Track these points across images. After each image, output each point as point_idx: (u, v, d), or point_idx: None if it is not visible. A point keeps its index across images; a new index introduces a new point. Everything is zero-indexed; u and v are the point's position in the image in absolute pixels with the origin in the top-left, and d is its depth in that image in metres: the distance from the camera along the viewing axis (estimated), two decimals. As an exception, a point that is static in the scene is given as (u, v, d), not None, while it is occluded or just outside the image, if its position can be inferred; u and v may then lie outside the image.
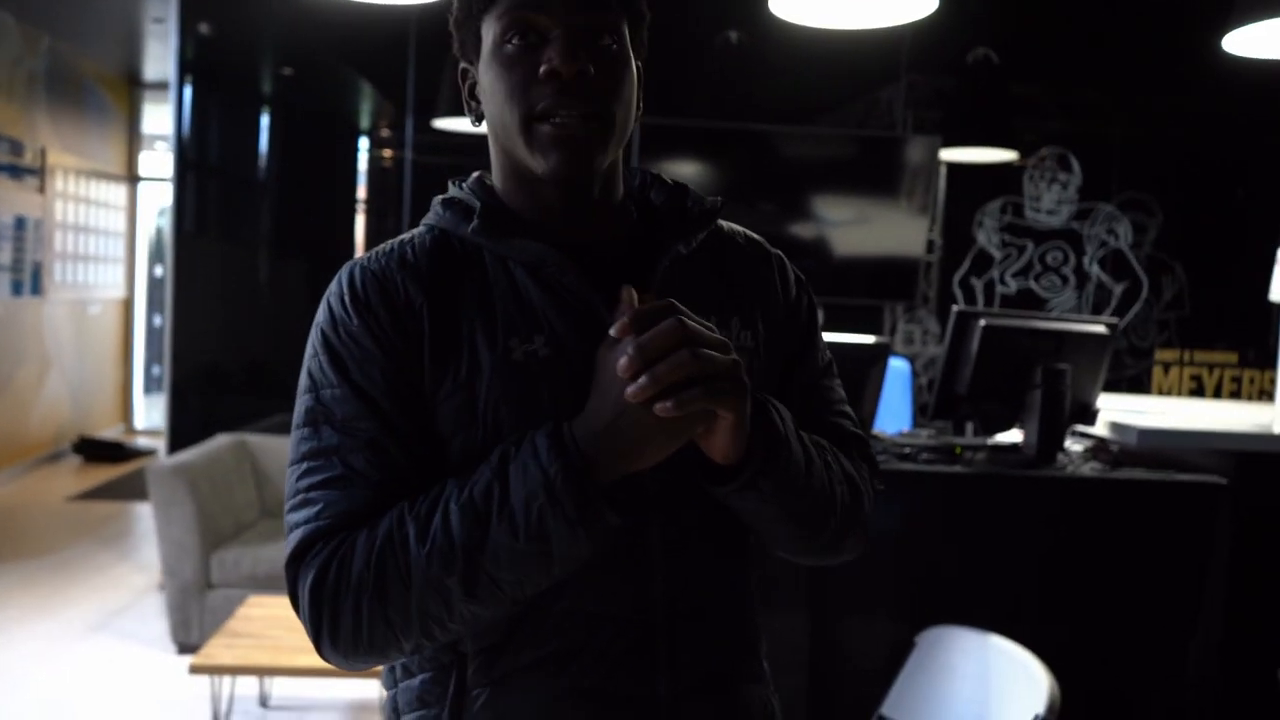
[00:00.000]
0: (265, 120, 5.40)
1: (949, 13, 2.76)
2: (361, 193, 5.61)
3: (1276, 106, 4.09)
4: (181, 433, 4.79)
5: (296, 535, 0.89)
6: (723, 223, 1.07)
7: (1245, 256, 5.05)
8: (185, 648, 3.79)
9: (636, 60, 0.97)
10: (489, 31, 0.94)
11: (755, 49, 4.87)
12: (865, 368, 2.67)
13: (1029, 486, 2.52)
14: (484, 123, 0.99)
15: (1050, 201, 4.85)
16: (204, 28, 4.99)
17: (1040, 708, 1.97)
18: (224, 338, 5.19)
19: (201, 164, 5.16)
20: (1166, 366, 4.53)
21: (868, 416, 2.81)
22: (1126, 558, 2.54)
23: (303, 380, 0.94)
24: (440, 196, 1.02)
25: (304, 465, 0.91)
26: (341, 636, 0.87)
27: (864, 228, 4.76)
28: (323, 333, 0.93)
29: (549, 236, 0.95)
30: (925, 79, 5.13)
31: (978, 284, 4.94)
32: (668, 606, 0.94)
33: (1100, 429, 2.71)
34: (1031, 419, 2.60)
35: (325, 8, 4.20)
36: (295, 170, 5.38)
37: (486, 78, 0.95)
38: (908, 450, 2.60)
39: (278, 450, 4.45)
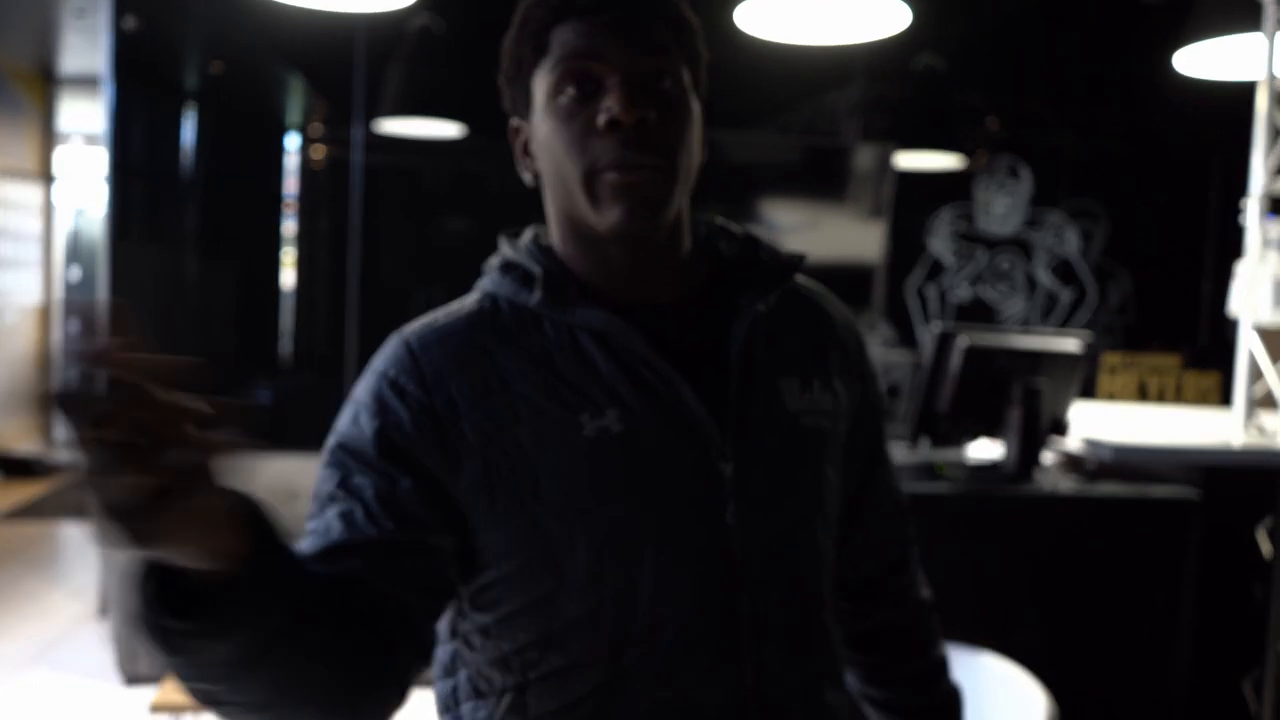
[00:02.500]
0: (192, 117, 5.20)
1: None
2: (292, 190, 5.45)
3: (1216, 120, 4.23)
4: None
5: None
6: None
7: (1186, 263, 5.21)
8: (134, 679, 3.62)
9: (696, 101, 0.92)
10: (541, 84, 0.88)
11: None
12: (848, 387, 2.68)
13: (1010, 503, 2.55)
14: (539, 180, 0.93)
15: (1001, 209, 4.93)
16: (129, 22, 4.78)
17: (1041, 730, 1.99)
18: (156, 346, 4.98)
19: (125, 163, 4.95)
20: (1113, 369, 4.66)
21: (847, 434, 2.81)
22: (1105, 571, 2.58)
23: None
24: (496, 259, 0.95)
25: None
26: None
27: (816, 233, 4.78)
28: (354, 411, 0.90)
29: (615, 300, 0.89)
30: (872, 85, 5.17)
31: (931, 291, 5.00)
32: (759, 695, 0.89)
33: (1074, 442, 2.76)
34: (1010, 436, 2.63)
35: (260, 4, 4.05)
36: (223, 168, 5.19)
37: (542, 132, 0.89)
38: (892, 469, 2.60)
39: (222, 468, 4.28)
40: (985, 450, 2.84)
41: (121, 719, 3.43)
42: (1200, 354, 5.05)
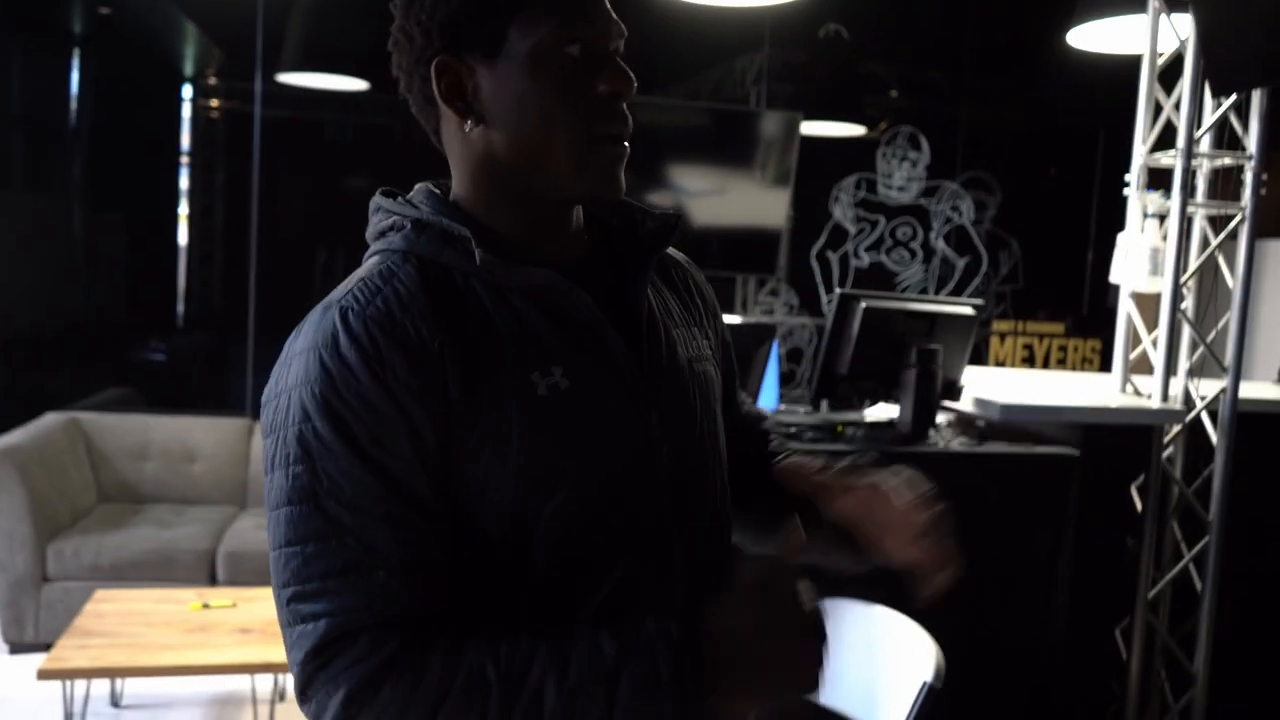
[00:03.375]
0: (77, 63, 4.97)
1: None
2: (186, 144, 5.26)
3: (1102, 96, 4.40)
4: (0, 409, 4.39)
5: (321, 627, 0.80)
6: None
7: (1072, 234, 5.45)
8: (19, 647, 3.51)
9: None
10: (529, 34, 0.85)
11: (614, 13, 4.81)
12: (753, 348, 2.73)
13: (905, 461, 2.64)
14: (478, 127, 0.89)
15: (901, 179, 5.06)
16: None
17: (929, 675, 2.09)
18: (38, 301, 4.78)
19: (5, 109, 4.71)
20: (1002, 336, 4.85)
21: (752, 394, 2.88)
22: (992, 525, 2.71)
23: (285, 449, 0.82)
24: (395, 218, 0.91)
25: (309, 548, 0.80)
26: None
27: (722, 199, 4.83)
28: (319, 395, 0.80)
29: (533, 259, 0.89)
30: (778, 52, 5.23)
31: (833, 257, 5.11)
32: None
33: (965, 404, 2.87)
34: (906, 397, 2.72)
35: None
36: (112, 118, 4.98)
37: (522, 84, 0.86)
38: (793, 430, 2.67)
39: (114, 429, 4.15)
40: (883, 411, 2.94)
41: (8, 687, 3.32)
42: (1083, 322, 5.30)
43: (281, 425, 0.82)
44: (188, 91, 5.30)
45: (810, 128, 4.92)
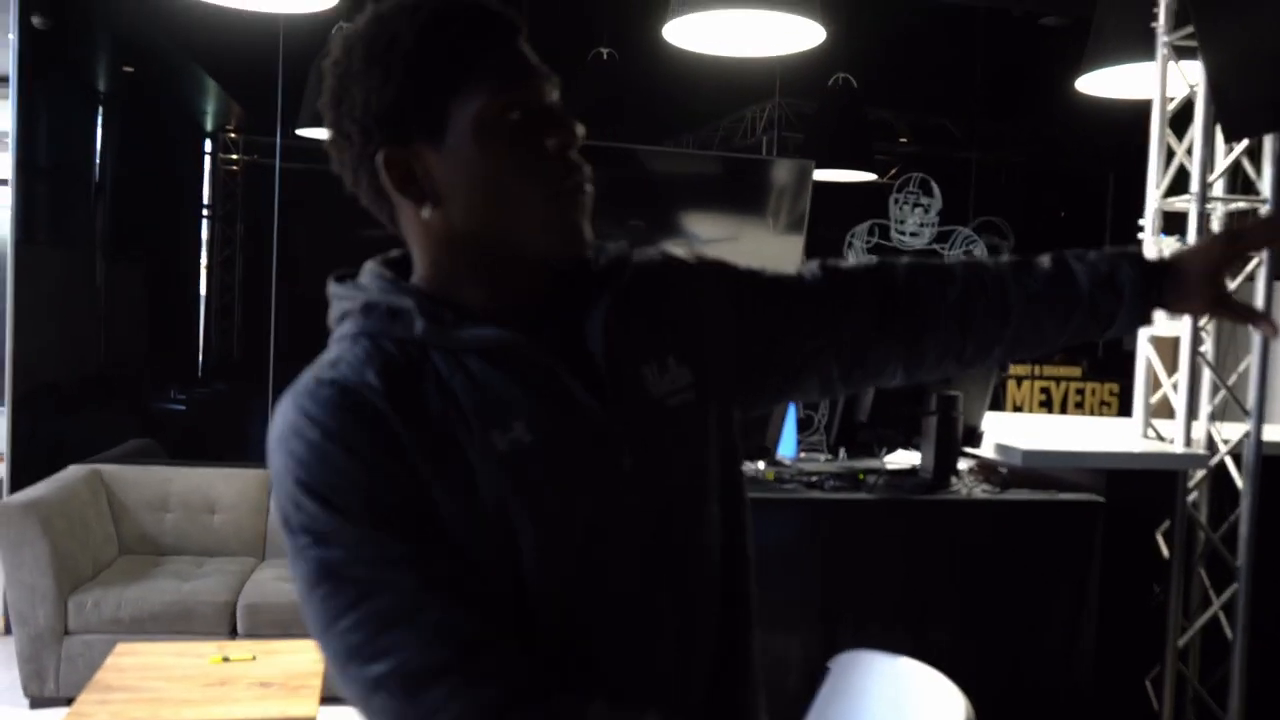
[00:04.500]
0: (101, 119, 5.07)
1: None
2: (207, 196, 5.34)
3: (1110, 139, 4.43)
4: (23, 459, 4.42)
5: (395, 685, 0.79)
6: None
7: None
8: (39, 701, 3.50)
9: None
10: (468, 106, 0.85)
11: (627, 65, 4.90)
12: (772, 397, 2.74)
13: (929, 509, 2.64)
14: (436, 209, 0.87)
15: (914, 224, 5.09)
16: (37, 21, 4.65)
17: (958, 729, 2.07)
18: (59, 352, 4.83)
19: (32, 164, 4.79)
20: (1019, 380, 4.84)
21: (771, 443, 2.87)
22: (1017, 573, 2.69)
23: (294, 539, 0.83)
24: (355, 302, 0.90)
25: (347, 619, 0.80)
26: None
27: (736, 246, 4.86)
28: (301, 482, 0.82)
29: (484, 313, 0.89)
30: (788, 101, 5.30)
31: (848, 302, 5.12)
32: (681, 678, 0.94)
33: (987, 450, 2.86)
34: (927, 444, 2.72)
35: (175, 6, 3.98)
36: (135, 172, 5.06)
37: (473, 159, 0.86)
38: (815, 478, 2.67)
39: (135, 481, 4.17)
40: (904, 459, 2.94)
41: (28, 742, 3.31)
42: (1099, 365, 5.28)
43: (283, 511, 0.84)
44: (209, 146, 5.39)
45: (822, 174, 4.96)
